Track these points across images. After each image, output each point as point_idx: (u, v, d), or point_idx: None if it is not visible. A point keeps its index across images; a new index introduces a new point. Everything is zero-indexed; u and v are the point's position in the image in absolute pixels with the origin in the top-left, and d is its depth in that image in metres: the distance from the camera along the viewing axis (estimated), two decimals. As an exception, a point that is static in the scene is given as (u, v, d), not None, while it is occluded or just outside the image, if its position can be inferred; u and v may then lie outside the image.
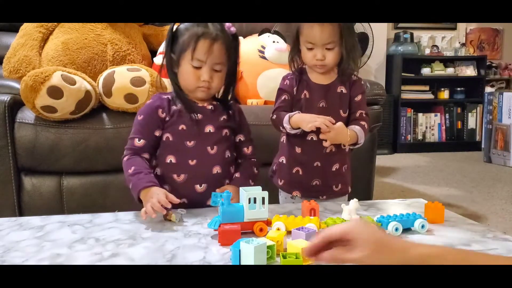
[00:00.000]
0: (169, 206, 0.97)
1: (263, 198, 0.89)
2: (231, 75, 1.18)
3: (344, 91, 1.23)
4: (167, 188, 1.13)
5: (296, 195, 1.25)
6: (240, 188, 0.94)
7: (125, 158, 1.10)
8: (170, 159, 1.11)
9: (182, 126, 1.11)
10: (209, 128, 1.12)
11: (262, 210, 0.89)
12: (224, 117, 1.16)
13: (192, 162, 1.10)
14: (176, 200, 0.99)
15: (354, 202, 0.93)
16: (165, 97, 1.14)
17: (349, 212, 0.93)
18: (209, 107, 1.15)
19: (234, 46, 1.14)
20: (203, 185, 1.11)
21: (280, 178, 1.28)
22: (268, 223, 0.91)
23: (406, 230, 0.93)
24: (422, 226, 0.92)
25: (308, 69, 1.25)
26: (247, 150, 1.21)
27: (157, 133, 1.11)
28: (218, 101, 1.18)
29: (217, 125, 1.14)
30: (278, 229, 0.88)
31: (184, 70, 1.10)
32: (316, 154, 1.21)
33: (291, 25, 1.25)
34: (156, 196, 0.97)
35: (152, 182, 1.03)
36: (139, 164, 1.07)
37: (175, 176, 1.11)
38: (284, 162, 1.27)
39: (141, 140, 1.10)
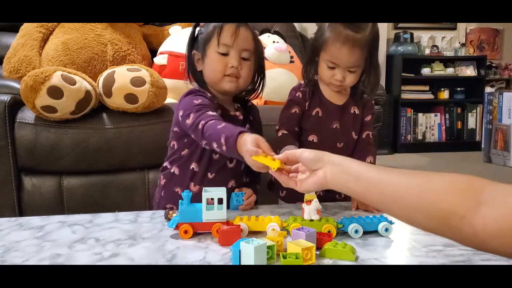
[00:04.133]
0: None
1: (221, 199, 0.88)
2: (259, 70, 1.14)
3: (357, 111, 1.21)
4: (178, 191, 1.12)
5: None
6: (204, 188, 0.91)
7: (209, 120, 0.94)
8: (193, 166, 1.08)
9: None
10: None
11: (220, 211, 0.88)
12: (248, 125, 1.13)
13: (211, 175, 1.08)
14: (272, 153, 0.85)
15: (315, 202, 0.92)
16: (208, 95, 1.08)
17: (309, 212, 0.92)
18: (240, 117, 1.12)
19: (256, 45, 1.12)
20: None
21: (281, 189, 1.25)
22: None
23: (373, 232, 0.91)
24: (386, 230, 0.90)
25: (320, 82, 1.20)
26: None
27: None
28: (239, 103, 1.15)
29: None
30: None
31: (210, 59, 1.07)
32: None
33: (314, 38, 1.16)
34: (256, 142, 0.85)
35: (247, 131, 0.90)
36: (227, 123, 0.95)
37: (191, 184, 1.08)
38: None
39: (214, 112, 0.99)
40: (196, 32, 1.11)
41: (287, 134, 1.16)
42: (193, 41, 1.11)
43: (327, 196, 1.22)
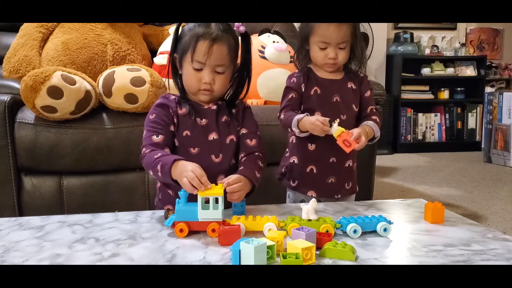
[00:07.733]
0: (202, 188, 0.89)
1: (217, 199, 0.88)
2: (240, 76, 1.15)
3: (354, 87, 1.25)
4: (170, 193, 1.12)
5: (311, 195, 1.23)
6: None
7: (147, 151, 1.03)
8: None
9: (186, 132, 1.08)
10: (213, 136, 1.09)
11: (215, 211, 0.88)
12: (225, 117, 1.12)
13: None
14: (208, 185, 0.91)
15: (312, 202, 0.92)
16: (173, 97, 1.11)
17: (307, 212, 0.92)
18: (214, 107, 1.12)
19: (244, 46, 1.12)
20: None
21: (293, 179, 1.26)
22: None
23: (373, 232, 0.91)
24: (385, 230, 0.90)
25: (314, 67, 1.25)
26: (251, 142, 1.13)
27: (172, 128, 1.08)
28: (225, 101, 1.15)
29: (221, 132, 1.10)
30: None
31: (186, 72, 1.08)
32: (331, 149, 1.19)
33: (301, 26, 1.25)
34: (193, 169, 0.91)
35: (182, 159, 0.97)
36: (165, 152, 1.02)
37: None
38: (296, 162, 1.25)
39: (159, 135, 1.05)
40: (179, 33, 1.10)
41: (287, 111, 1.22)
42: (176, 42, 1.10)
43: (327, 195, 1.23)
